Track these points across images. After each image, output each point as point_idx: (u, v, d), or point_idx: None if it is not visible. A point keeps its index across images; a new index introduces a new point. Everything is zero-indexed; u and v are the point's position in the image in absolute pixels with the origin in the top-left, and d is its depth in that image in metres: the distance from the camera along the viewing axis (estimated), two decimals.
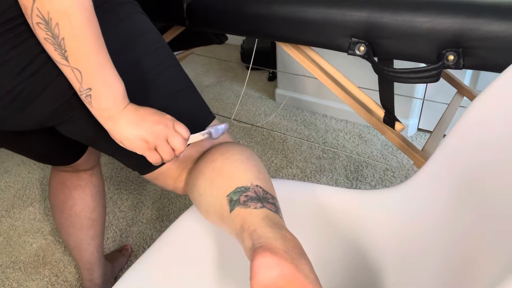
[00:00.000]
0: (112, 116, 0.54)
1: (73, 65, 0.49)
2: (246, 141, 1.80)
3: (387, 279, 0.62)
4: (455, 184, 0.61)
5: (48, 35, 0.47)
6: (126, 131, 0.54)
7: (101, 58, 0.50)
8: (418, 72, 0.79)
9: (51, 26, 0.46)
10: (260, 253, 0.44)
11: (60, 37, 0.47)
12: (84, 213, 0.95)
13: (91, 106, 0.53)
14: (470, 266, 0.51)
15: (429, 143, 1.02)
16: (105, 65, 0.51)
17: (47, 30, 0.46)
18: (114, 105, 0.53)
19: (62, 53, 0.48)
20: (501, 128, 0.56)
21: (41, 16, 0.45)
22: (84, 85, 0.50)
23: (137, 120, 0.55)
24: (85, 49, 0.48)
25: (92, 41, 0.49)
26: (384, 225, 0.67)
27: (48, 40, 0.47)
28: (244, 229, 0.50)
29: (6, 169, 1.76)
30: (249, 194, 0.54)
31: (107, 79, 0.52)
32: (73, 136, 0.64)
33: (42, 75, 0.53)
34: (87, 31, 0.48)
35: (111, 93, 0.52)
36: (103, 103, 0.52)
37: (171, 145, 0.58)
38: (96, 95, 0.51)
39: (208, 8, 1.01)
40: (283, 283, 0.43)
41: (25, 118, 0.57)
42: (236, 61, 2.69)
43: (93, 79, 0.50)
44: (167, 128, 0.56)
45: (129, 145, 0.55)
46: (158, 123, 0.56)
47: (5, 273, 1.26)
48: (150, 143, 0.56)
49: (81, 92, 0.51)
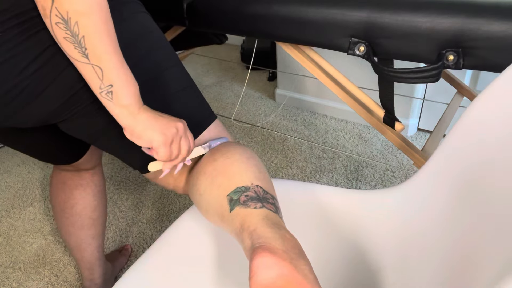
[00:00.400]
0: (132, 112, 0.54)
1: (94, 62, 0.50)
2: (246, 141, 1.80)
3: (387, 279, 0.62)
4: (455, 184, 0.61)
5: (68, 34, 0.48)
6: (148, 124, 0.55)
7: (119, 56, 0.52)
8: (418, 72, 0.79)
9: (71, 25, 0.47)
10: (259, 253, 0.44)
11: (80, 36, 0.48)
12: (85, 213, 0.95)
13: (112, 102, 0.53)
14: (469, 266, 0.51)
15: (429, 143, 1.02)
16: (123, 63, 0.52)
17: (67, 29, 0.47)
18: (134, 101, 0.54)
19: (83, 51, 0.49)
20: (501, 128, 0.56)
21: (60, 16, 0.46)
22: (106, 82, 0.51)
23: (156, 116, 0.56)
24: (105, 47, 0.49)
25: (110, 39, 0.50)
26: (384, 225, 0.67)
27: (67, 39, 0.48)
28: (243, 229, 0.50)
29: (6, 169, 1.76)
30: (249, 194, 0.54)
31: (126, 76, 0.53)
32: (76, 134, 0.64)
33: (45, 73, 0.53)
34: (105, 30, 0.49)
35: (131, 90, 0.53)
36: (124, 99, 0.53)
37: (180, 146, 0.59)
38: (117, 91, 0.52)
39: (208, 8, 1.01)
40: (282, 283, 0.43)
41: (28, 116, 0.57)
42: (236, 61, 2.69)
43: (114, 75, 0.51)
44: (184, 129, 0.59)
45: (150, 135, 0.56)
46: (178, 121, 0.58)
47: (5, 273, 1.26)
48: (168, 137, 0.57)
49: (101, 89, 0.52)
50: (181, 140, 0.59)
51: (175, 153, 0.59)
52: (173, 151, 0.58)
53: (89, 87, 0.56)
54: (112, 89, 0.52)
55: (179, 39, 1.27)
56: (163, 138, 0.56)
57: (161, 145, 0.57)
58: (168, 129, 0.57)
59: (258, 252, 0.44)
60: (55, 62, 0.53)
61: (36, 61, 0.52)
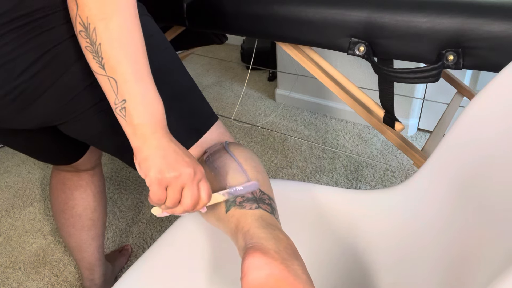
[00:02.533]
0: (145, 134, 0.48)
1: (109, 73, 0.46)
2: (246, 141, 1.80)
3: (387, 279, 0.62)
4: (454, 184, 0.61)
5: (88, 42, 0.45)
6: (152, 153, 0.48)
7: (139, 68, 0.47)
8: (418, 72, 0.79)
9: (90, 31, 0.44)
10: (250, 253, 0.44)
11: (97, 43, 0.45)
12: (86, 214, 0.95)
13: (124, 120, 0.48)
14: (468, 265, 0.51)
15: (429, 143, 1.02)
16: (143, 78, 0.47)
17: (87, 37, 0.45)
18: (149, 122, 0.48)
19: (99, 61, 0.46)
20: (500, 128, 0.56)
21: (82, 23, 0.44)
22: (120, 97, 0.47)
23: (170, 149, 0.49)
24: (121, 56, 0.45)
25: (130, 49, 0.46)
26: (384, 225, 0.67)
27: (88, 49, 0.45)
28: (238, 230, 0.50)
29: (6, 169, 1.76)
30: (246, 195, 0.54)
31: (145, 92, 0.47)
32: (76, 136, 0.64)
33: (45, 76, 0.53)
34: (125, 37, 0.45)
35: (148, 109, 0.47)
36: (136, 118, 0.47)
37: (182, 196, 0.51)
38: (131, 108, 0.47)
39: (208, 8, 1.01)
40: (273, 283, 0.43)
41: (27, 118, 0.57)
42: (236, 61, 2.69)
43: (128, 90, 0.46)
44: (192, 177, 0.50)
45: (147, 168, 0.48)
46: (188, 166, 0.49)
47: (5, 273, 1.26)
48: (165, 178, 0.48)
49: (116, 105, 0.47)
50: (185, 189, 0.50)
51: (173, 199, 0.50)
52: (169, 197, 0.50)
53: (90, 90, 0.56)
54: (126, 105, 0.47)
55: (179, 39, 1.27)
56: (158, 177, 0.48)
57: (153, 184, 0.49)
58: (169, 171, 0.48)
59: (249, 252, 0.44)
60: (56, 65, 0.53)
61: (36, 64, 0.52)
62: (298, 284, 0.43)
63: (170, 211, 0.53)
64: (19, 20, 0.50)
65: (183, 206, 0.51)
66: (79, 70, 0.54)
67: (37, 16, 0.50)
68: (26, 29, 0.50)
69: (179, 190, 0.50)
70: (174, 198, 0.50)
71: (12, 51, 0.50)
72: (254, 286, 0.43)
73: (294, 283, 0.43)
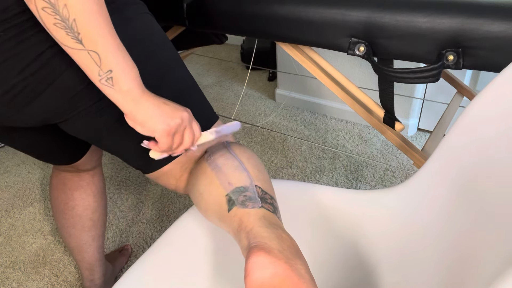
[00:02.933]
0: (136, 98, 0.52)
1: (90, 47, 0.46)
2: (246, 141, 1.80)
3: (387, 279, 0.62)
4: (454, 183, 0.61)
5: (57, 19, 0.44)
6: (151, 111, 0.53)
7: (115, 38, 0.48)
8: (418, 72, 0.79)
9: (59, 8, 0.44)
10: (254, 253, 0.44)
11: (70, 19, 0.45)
12: (86, 214, 0.95)
13: (113, 89, 0.50)
14: (468, 265, 0.51)
15: (429, 143, 1.02)
16: (119, 45, 0.49)
17: (55, 14, 0.44)
18: (135, 86, 0.51)
19: (76, 36, 0.46)
20: (501, 128, 0.56)
21: (47, 1, 0.44)
22: (104, 67, 0.48)
23: (160, 103, 0.54)
24: (99, 29, 0.46)
25: (104, 21, 0.46)
26: (384, 225, 0.67)
27: (57, 25, 0.45)
28: (241, 229, 0.50)
29: (6, 169, 1.76)
30: (248, 194, 0.54)
31: (125, 59, 0.50)
32: (77, 134, 0.64)
33: (45, 73, 0.53)
34: (98, 10, 0.46)
35: (131, 73, 0.50)
36: (125, 84, 0.50)
37: (184, 137, 0.58)
38: (117, 76, 0.49)
39: (208, 8, 1.01)
40: (277, 282, 0.43)
41: (27, 115, 0.57)
42: (236, 61, 2.69)
43: (113, 59, 0.48)
44: (187, 119, 0.56)
45: (152, 124, 0.53)
46: (181, 111, 0.55)
47: (5, 273, 1.26)
48: (172, 127, 0.54)
49: (100, 76, 0.49)
50: (185, 131, 0.57)
51: (177, 143, 0.57)
52: (175, 142, 0.57)
53: (91, 88, 0.56)
54: (112, 75, 0.49)
55: (179, 39, 1.27)
56: (166, 128, 0.54)
57: (164, 136, 0.55)
58: (172, 119, 0.54)
59: (253, 251, 0.45)
60: (56, 63, 0.53)
61: (37, 61, 0.52)
62: (301, 283, 0.43)
63: (170, 152, 0.59)
64: (21, 15, 0.49)
65: (184, 145, 0.58)
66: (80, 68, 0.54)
67: None
68: (27, 26, 0.50)
69: (183, 133, 0.57)
70: (179, 141, 0.57)
71: (14, 47, 0.50)
72: (258, 285, 0.43)
73: (298, 283, 0.43)
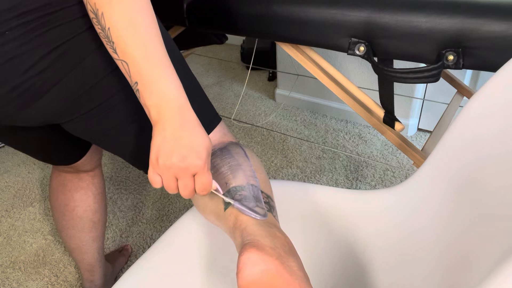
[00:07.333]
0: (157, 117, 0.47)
1: (121, 57, 0.45)
2: (246, 141, 1.80)
3: (387, 279, 0.62)
4: (454, 183, 0.61)
5: (99, 28, 0.44)
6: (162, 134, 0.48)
7: (151, 50, 0.46)
8: (418, 72, 0.79)
9: (99, 17, 0.44)
10: (246, 250, 0.45)
11: (106, 28, 0.44)
12: (86, 216, 0.94)
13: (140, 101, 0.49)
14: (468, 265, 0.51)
15: (429, 143, 1.02)
16: (154, 59, 0.46)
17: (97, 24, 0.44)
18: (164, 103, 0.47)
19: (112, 46, 0.45)
20: (499, 127, 0.56)
21: (92, 10, 0.44)
22: (132, 79, 0.47)
23: (182, 132, 0.48)
24: (129, 38, 0.45)
25: (137, 30, 0.45)
26: (384, 225, 0.67)
27: (101, 35, 0.45)
28: (236, 227, 0.51)
29: (6, 169, 1.76)
30: (243, 193, 0.55)
31: (155, 74, 0.46)
32: (81, 134, 0.64)
33: (51, 73, 0.52)
34: (130, 19, 0.44)
35: (160, 88, 0.47)
36: (148, 99, 0.47)
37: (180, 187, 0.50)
38: (142, 90, 0.47)
39: (208, 8, 1.01)
40: (268, 279, 0.43)
41: (31, 115, 0.57)
42: (236, 61, 2.69)
43: (138, 72, 0.46)
44: (189, 169, 0.49)
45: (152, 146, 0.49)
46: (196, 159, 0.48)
47: (5, 273, 1.26)
48: (159, 164, 0.49)
49: (132, 87, 0.48)
50: (182, 178, 0.49)
51: (170, 186, 0.50)
52: (165, 182, 0.50)
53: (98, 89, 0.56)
54: (138, 87, 0.47)
55: (179, 39, 1.27)
56: (154, 161, 0.49)
57: (151, 166, 0.50)
58: (169, 157, 0.48)
59: (245, 248, 0.45)
60: (63, 63, 0.52)
61: (44, 60, 0.51)
62: (293, 280, 0.43)
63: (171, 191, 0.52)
64: (27, 15, 0.49)
65: (183, 194, 0.51)
66: (87, 68, 0.54)
67: (45, 12, 0.50)
68: (34, 25, 0.50)
69: (174, 179, 0.50)
70: (171, 184, 0.50)
71: (19, 47, 0.50)
72: (249, 282, 0.43)
73: (289, 280, 0.43)
